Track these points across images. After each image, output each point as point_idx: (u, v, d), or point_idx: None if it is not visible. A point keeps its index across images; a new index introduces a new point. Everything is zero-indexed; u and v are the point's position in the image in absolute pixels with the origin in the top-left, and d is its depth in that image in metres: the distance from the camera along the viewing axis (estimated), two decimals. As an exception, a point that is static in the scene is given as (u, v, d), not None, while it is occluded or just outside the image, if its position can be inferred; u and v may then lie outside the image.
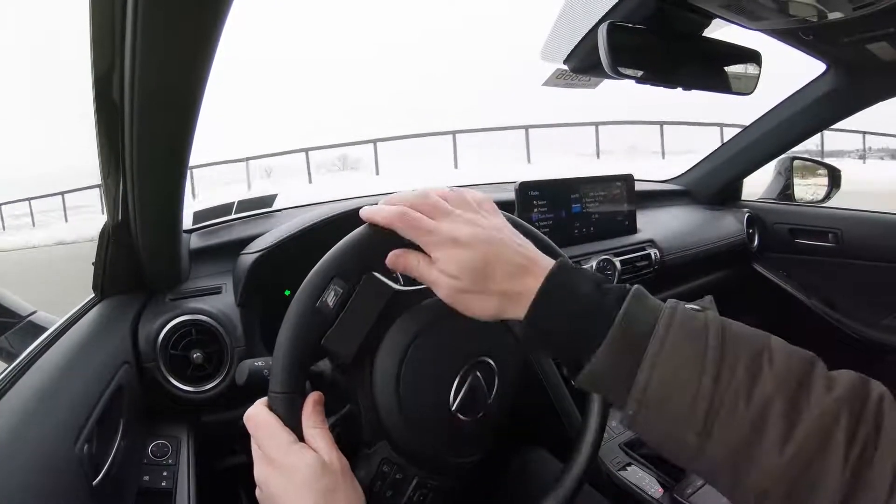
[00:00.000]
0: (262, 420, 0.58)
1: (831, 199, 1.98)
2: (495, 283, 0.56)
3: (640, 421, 0.51)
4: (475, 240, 0.57)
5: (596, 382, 0.53)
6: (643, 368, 0.49)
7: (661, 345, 0.50)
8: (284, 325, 0.60)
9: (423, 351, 0.68)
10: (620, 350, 0.51)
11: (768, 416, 0.46)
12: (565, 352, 0.56)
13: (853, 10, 0.94)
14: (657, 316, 0.51)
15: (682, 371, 0.49)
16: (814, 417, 0.46)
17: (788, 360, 0.49)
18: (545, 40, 1.05)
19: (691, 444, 0.49)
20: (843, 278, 1.88)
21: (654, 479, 1.19)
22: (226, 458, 1.08)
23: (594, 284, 0.55)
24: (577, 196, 1.51)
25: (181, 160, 0.75)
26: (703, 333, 0.50)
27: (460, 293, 0.57)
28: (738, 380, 0.48)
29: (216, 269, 1.13)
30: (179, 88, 0.62)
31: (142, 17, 0.51)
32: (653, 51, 0.96)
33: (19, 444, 0.61)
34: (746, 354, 0.49)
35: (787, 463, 0.46)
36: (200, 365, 0.97)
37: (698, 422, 0.48)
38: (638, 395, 0.50)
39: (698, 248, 1.76)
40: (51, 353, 0.80)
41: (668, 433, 0.50)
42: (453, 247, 0.57)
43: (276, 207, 1.38)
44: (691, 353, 0.49)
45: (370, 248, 0.62)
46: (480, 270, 0.56)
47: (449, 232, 0.57)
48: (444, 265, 0.57)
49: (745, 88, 1.11)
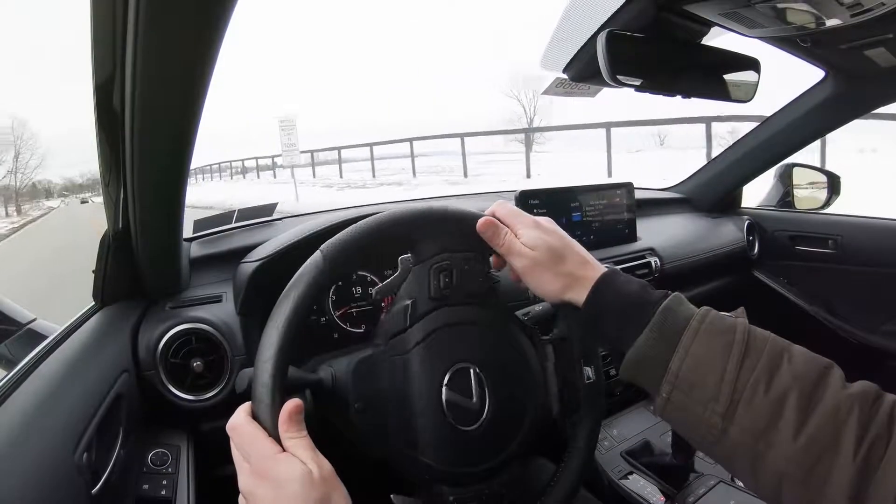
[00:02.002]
0: (245, 431, 0.58)
1: (831, 205, 1.98)
2: (565, 265, 0.70)
3: (672, 402, 0.59)
4: (554, 228, 0.74)
5: (636, 368, 0.62)
6: (677, 354, 0.59)
7: (693, 336, 0.59)
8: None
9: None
10: (658, 338, 0.60)
11: (785, 405, 0.53)
12: (612, 337, 0.66)
13: (851, 17, 0.94)
14: (692, 314, 0.61)
15: (710, 359, 0.57)
16: (827, 411, 0.52)
17: (807, 361, 0.57)
18: (545, 49, 1.05)
19: (715, 426, 0.56)
20: (844, 284, 1.88)
21: (655, 488, 1.19)
22: (225, 466, 1.08)
23: (640, 285, 0.66)
24: (577, 204, 1.51)
25: (181, 169, 0.75)
26: (730, 331, 0.59)
27: (536, 266, 0.70)
28: (760, 371, 0.55)
29: (216, 278, 1.13)
30: (180, 98, 0.62)
31: (142, 27, 0.51)
32: (652, 59, 0.97)
33: (18, 452, 0.61)
34: (768, 352, 0.57)
35: (800, 449, 0.51)
36: (200, 373, 0.97)
37: (722, 405, 0.55)
38: (671, 378, 0.59)
39: (698, 256, 1.76)
40: (50, 361, 0.80)
41: (695, 415, 0.57)
42: (537, 227, 0.72)
43: (276, 216, 1.38)
44: (719, 346, 0.58)
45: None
46: (557, 251, 0.70)
47: (534, 219, 0.74)
48: (528, 240, 0.71)
49: (744, 96, 1.11)
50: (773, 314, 2.01)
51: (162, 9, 0.50)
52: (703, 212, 2.08)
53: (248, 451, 0.58)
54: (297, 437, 0.58)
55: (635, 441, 1.34)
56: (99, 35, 0.59)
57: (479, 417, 0.70)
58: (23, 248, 16.23)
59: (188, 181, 0.80)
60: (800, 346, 0.59)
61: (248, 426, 0.59)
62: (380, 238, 0.70)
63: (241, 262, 1.11)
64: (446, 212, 0.74)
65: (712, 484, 1.17)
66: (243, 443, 0.58)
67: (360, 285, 1.21)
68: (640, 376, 0.63)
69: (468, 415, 0.70)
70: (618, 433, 1.36)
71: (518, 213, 0.74)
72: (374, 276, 1.23)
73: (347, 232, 0.68)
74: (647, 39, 0.95)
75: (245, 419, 0.59)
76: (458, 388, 0.70)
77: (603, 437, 1.33)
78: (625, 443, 1.34)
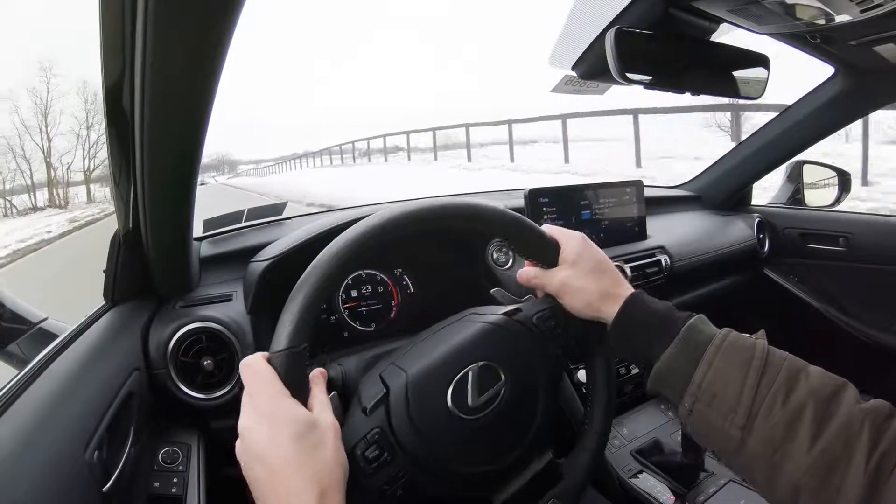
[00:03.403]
0: (259, 370, 0.59)
1: (842, 203, 1.97)
2: (601, 282, 0.74)
3: (695, 413, 0.62)
4: (597, 247, 0.78)
5: (662, 379, 0.66)
6: (700, 367, 0.63)
7: (716, 351, 0.63)
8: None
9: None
10: (684, 352, 0.65)
11: (802, 418, 0.56)
12: (640, 350, 0.70)
13: (860, 13, 0.93)
14: (714, 332, 0.65)
15: (731, 373, 0.61)
16: (841, 424, 0.54)
17: (823, 378, 0.60)
18: (553, 47, 1.05)
19: (735, 438, 0.59)
20: (854, 282, 1.86)
21: (665, 487, 1.18)
22: (236, 464, 1.08)
23: (666, 305, 0.71)
24: (587, 203, 1.51)
25: (191, 168, 0.76)
26: (751, 349, 0.62)
27: (574, 279, 0.74)
28: (778, 386, 0.59)
29: (226, 277, 1.14)
30: (189, 97, 0.62)
31: (151, 27, 0.51)
32: (661, 56, 0.96)
33: (29, 450, 0.62)
34: (786, 368, 0.60)
35: (815, 461, 0.54)
36: (211, 372, 0.98)
37: (741, 416, 0.59)
38: (694, 389, 0.62)
39: (708, 254, 1.75)
40: (61, 360, 0.80)
41: (716, 426, 0.61)
42: (581, 241, 0.77)
43: (286, 215, 1.38)
44: (739, 361, 0.61)
45: None
46: (596, 265, 0.75)
47: (580, 234, 0.78)
48: (570, 252, 0.75)
49: (754, 93, 1.10)
50: (783, 312, 2.00)
51: (170, 9, 0.50)
52: (713, 209, 2.07)
53: (257, 389, 0.58)
54: (319, 393, 0.61)
55: (645, 440, 1.34)
56: (108, 35, 0.60)
57: (484, 409, 0.70)
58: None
59: (198, 180, 0.81)
60: (789, 341, 0.64)
61: (263, 364, 0.59)
62: (434, 225, 0.72)
63: (250, 261, 1.11)
64: (522, 219, 0.76)
65: (722, 483, 1.16)
66: (254, 380, 0.59)
67: (370, 284, 1.22)
68: (666, 387, 0.67)
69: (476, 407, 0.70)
70: (628, 432, 1.36)
71: (563, 228, 0.80)
72: (385, 275, 1.23)
73: (420, 206, 0.70)
74: (655, 36, 0.95)
75: (261, 360, 0.60)
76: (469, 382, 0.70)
77: (613, 436, 1.33)
78: (635, 441, 1.33)
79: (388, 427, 0.67)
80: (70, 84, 38.10)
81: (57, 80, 33.50)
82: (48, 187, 30.82)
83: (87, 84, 31.97)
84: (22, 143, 31.49)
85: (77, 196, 31.77)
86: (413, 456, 0.67)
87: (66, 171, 31.65)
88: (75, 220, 20.22)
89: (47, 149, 31.56)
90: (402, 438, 0.67)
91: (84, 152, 32.34)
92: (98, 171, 32.44)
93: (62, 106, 32.77)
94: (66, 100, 33.18)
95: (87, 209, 27.91)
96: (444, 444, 0.68)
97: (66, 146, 32.24)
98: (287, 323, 0.60)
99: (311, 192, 13.89)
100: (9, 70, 46.50)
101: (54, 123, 32.15)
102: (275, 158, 62.37)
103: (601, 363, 0.81)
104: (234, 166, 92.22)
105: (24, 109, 32.53)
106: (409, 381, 0.69)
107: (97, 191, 32.64)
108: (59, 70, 37.19)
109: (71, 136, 32.55)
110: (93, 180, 32.08)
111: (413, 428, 0.67)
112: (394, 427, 0.67)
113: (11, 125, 32.16)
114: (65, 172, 31.46)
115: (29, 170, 30.69)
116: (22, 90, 33.56)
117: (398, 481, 0.66)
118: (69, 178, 31.54)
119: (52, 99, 32.29)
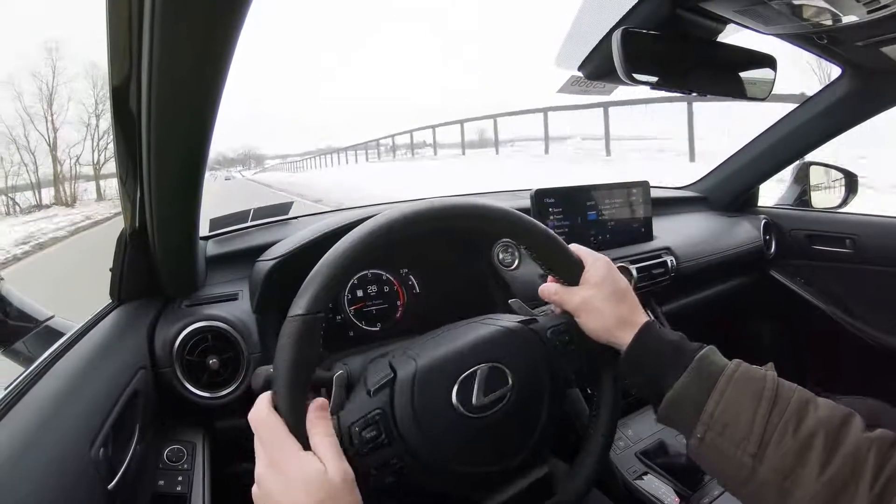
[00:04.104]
0: (268, 424, 0.60)
1: (848, 204, 1.96)
2: (620, 307, 0.75)
3: (706, 442, 0.64)
4: (621, 274, 0.80)
5: (673, 408, 0.67)
6: (713, 397, 0.64)
7: (728, 381, 0.64)
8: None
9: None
10: (696, 381, 0.66)
11: (812, 446, 0.58)
12: (652, 378, 0.71)
13: (867, 14, 0.93)
14: (726, 364, 0.67)
15: (743, 402, 0.63)
16: (849, 451, 0.56)
17: (831, 408, 0.61)
18: (559, 47, 1.05)
19: (746, 465, 0.60)
20: (861, 284, 1.85)
21: (670, 489, 1.18)
22: (241, 463, 1.09)
23: (679, 336, 0.73)
24: (593, 203, 1.50)
25: (198, 167, 0.76)
26: (762, 379, 0.64)
27: (595, 299, 0.75)
28: (789, 415, 0.60)
29: (233, 276, 1.14)
30: (195, 97, 0.63)
31: (158, 28, 0.52)
32: (667, 57, 0.96)
33: (35, 447, 0.62)
34: (796, 399, 0.62)
35: (824, 487, 0.56)
36: (216, 371, 0.98)
37: (753, 445, 0.60)
38: (706, 418, 0.64)
39: (715, 255, 1.75)
40: (67, 358, 0.81)
41: (727, 455, 0.62)
42: (607, 265, 0.79)
43: (292, 215, 1.39)
44: (751, 391, 0.63)
45: None
46: (618, 290, 0.76)
47: (605, 258, 0.80)
48: (595, 274, 0.77)
49: (761, 94, 1.10)
50: (789, 314, 2.00)
51: (177, 9, 0.50)
52: (719, 210, 2.07)
53: (267, 443, 0.59)
54: (324, 437, 0.60)
55: (650, 441, 1.33)
56: (115, 35, 0.60)
57: (488, 410, 0.70)
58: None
59: (203, 180, 0.81)
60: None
61: (270, 418, 0.60)
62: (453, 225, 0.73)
63: (257, 260, 1.11)
64: (553, 235, 0.78)
65: (728, 485, 1.15)
66: (263, 434, 0.60)
67: (376, 283, 1.22)
68: (676, 416, 0.68)
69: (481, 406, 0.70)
70: (633, 433, 1.35)
71: (591, 250, 0.81)
72: (390, 275, 1.23)
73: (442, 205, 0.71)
74: (662, 37, 0.94)
75: (267, 411, 0.61)
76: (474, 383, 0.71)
77: (618, 437, 1.32)
78: (640, 443, 1.33)
79: (391, 411, 0.67)
80: (79, 67, 34.91)
81: (64, 63, 30.32)
82: (55, 183, 27.94)
83: (96, 67, 29.30)
84: (26, 133, 28.40)
85: (86, 193, 28.93)
86: (409, 444, 0.67)
87: (75, 164, 28.75)
88: (76, 224, 18.46)
89: (53, 140, 28.73)
90: (402, 425, 0.67)
91: (93, 144, 29.51)
92: (109, 165, 28.97)
93: (70, 91, 29.84)
94: (74, 85, 30.43)
95: (94, 207, 25.70)
96: (442, 438, 0.68)
97: (76, 137, 29.48)
98: (312, 285, 0.63)
99: (372, 195, 11.44)
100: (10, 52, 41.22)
101: (61, 111, 29.17)
102: (300, 154, 62.30)
103: (609, 380, 0.81)
104: (260, 161, 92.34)
105: (27, 96, 29.29)
106: (418, 369, 0.70)
107: (109, 187, 29.24)
108: (66, 52, 34.13)
109: (80, 126, 29.63)
110: (103, 175, 29.26)
111: (414, 416, 0.67)
112: (395, 412, 0.67)
113: (14, 113, 28.98)
114: (73, 166, 28.65)
115: (34, 163, 27.76)
116: (25, 74, 30.18)
117: (389, 468, 0.66)
118: (77, 172, 28.83)
119: (57, 84, 29.38)
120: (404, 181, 13.33)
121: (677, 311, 1.66)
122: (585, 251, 0.81)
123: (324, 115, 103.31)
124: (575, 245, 0.81)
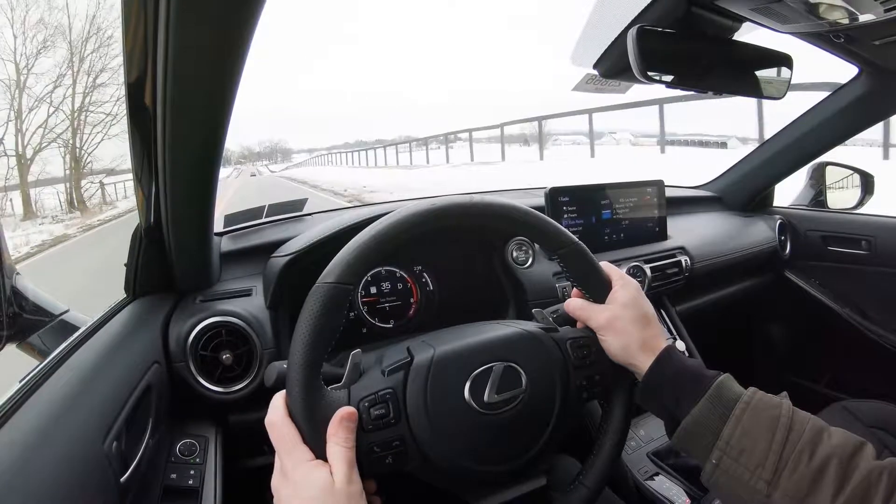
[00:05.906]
0: (282, 433, 0.62)
1: (864, 205, 1.94)
2: (644, 331, 0.76)
3: (721, 468, 0.65)
4: (649, 301, 0.80)
5: (689, 435, 0.68)
6: (729, 423, 0.65)
7: (744, 408, 0.65)
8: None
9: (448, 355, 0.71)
10: (713, 408, 0.67)
11: (825, 474, 0.59)
12: (669, 403, 0.72)
13: (884, 12, 0.92)
14: (742, 392, 0.68)
15: (759, 429, 0.64)
16: (861, 478, 0.58)
17: (845, 437, 0.63)
18: (575, 45, 1.05)
19: (760, 492, 0.61)
20: (877, 287, 1.83)
21: (681, 490, 1.17)
22: (253, 458, 1.09)
23: (697, 363, 0.74)
24: (608, 202, 1.50)
25: (212, 163, 0.77)
26: (777, 407, 0.66)
27: (621, 320, 0.76)
28: (804, 443, 0.62)
29: (246, 272, 1.15)
30: (210, 95, 0.63)
31: (173, 25, 0.52)
32: (683, 55, 0.96)
33: (49, 439, 0.62)
34: (810, 428, 0.63)
35: None
36: (230, 366, 0.98)
37: (768, 471, 0.61)
38: (722, 444, 0.65)
39: (729, 256, 1.74)
40: (82, 352, 0.81)
41: (742, 481, 0.63)
42: (637, 289, 0.80)
43: (306, 211, 1.39)
44: (767, 418, 0.64)
45: None
46: (644, 315, 0.77)
47: (634, 282, 0.81)
48: (624, 295, 0.78)
49: (777, 93, 1.09)
50: (803, 316, 1.98)
51: (192, 7, 0.51)
52: (734, 210, 2.05)
53: (282, 450, 0.62)
54: (341, 447, 0.61)
55: (662, 442, 1.33)
56: (130, 33, 0.60)
57: (498, 408, 0.70)
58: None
59: (218, 176, 0.81)
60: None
61: (285, 427, 0.62)
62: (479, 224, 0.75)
63: (271, 256, 1.12)
64: (586, 251, 0.79)
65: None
66: (278, 442, 0.62)
67: (390, 280, 1.22)
68: (692, 442, 0.69)
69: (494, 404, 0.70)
70: (644, 434, 1.35)
71: (621, 272, 0.82)
72: (404, 272, 1.24)
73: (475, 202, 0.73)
74: (678, 35, 0.94)
75: (282, 418, 0.62)
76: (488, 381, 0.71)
77: (630, 438, 1.32)
78: (651, 443, 1.33)
79: (402, 392, 0.68)
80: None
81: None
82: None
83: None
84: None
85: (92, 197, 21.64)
86: (414, 428, 0.67)
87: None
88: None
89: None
90: (411, 408, 0.68)
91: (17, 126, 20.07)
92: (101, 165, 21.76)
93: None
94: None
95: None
96: (448, 428, 0.68)
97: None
98: (348, 254, 0.65)
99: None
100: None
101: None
102: (327, 148, 62.37)
103: (619, 406, 0.81)
104: (287, 154, 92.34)
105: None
106: (435, 357, 0.70)
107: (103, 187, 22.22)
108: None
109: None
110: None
111: (425, 402, 0.68)
112: (407, 394, 0.68)
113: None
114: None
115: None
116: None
117: (391, 448, 0.66)
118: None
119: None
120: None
121: (691, 311, 1.65)
122: (615, 271, 0.82)
123: (353, 108, 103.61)
124: (605, 263, 0.82)
